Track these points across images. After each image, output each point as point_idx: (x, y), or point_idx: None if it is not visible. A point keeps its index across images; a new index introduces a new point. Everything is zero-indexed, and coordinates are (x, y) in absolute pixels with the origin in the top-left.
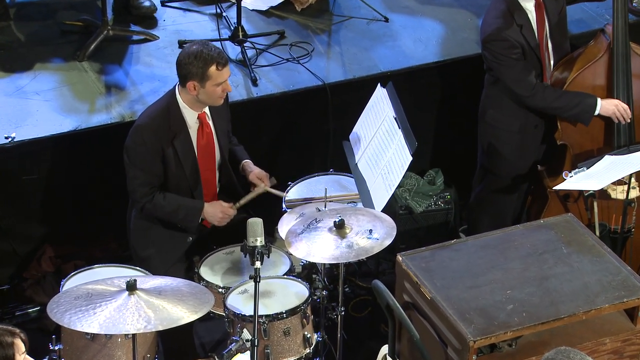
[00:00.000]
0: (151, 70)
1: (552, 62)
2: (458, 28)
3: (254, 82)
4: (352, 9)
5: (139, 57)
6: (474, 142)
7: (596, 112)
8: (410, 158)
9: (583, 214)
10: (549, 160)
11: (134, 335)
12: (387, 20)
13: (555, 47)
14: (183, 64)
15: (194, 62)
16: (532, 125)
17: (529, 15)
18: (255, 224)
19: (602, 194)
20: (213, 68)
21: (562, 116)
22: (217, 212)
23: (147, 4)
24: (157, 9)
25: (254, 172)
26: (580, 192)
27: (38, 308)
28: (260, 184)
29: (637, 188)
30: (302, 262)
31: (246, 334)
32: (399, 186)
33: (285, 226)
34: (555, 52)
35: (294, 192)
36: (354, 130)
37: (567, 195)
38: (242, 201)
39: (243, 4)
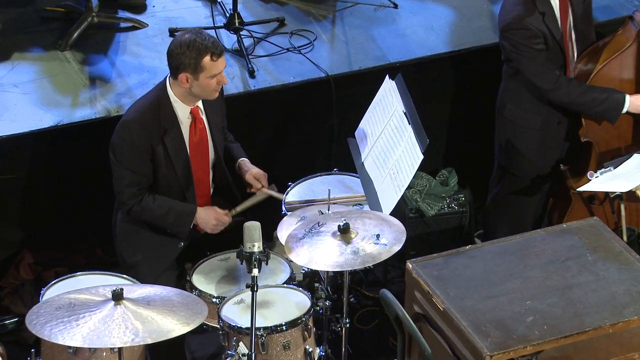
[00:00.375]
0: (139, 60)
1: (575, 53)
2: (473, 15)
3: (252, 74)
4: None
5: (126, 47)
6: (491, 139)
7: (624, 110)
8: (422, 156)
9: (609, 217)
10: (573, 159)
11: (120, 349)
12: (396, 6)
13: (580, 37)
14: (175, 54)
15: (186, 52)
16: (555, 122)
17: (552, 2)
18: (253, 228)
19: (631, 195)
20: (207, 59)
21: (587, 113)
22: (210, 218)
23: None
24: None
25: (251, 171)
26: (607, 194)
27: (16, 319)
28: (258, 184)
29: None
30: (304, 270)
31: (242, 348)
32: (409, 187)
33: (285, 230)
34: (579, 42)
35: (295, 193)
36: (359, 126)
37: (592, 197)
38: (239, 208)
39: None
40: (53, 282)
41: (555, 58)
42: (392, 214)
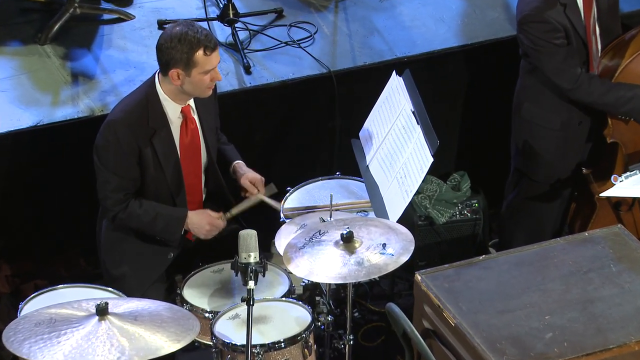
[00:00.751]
0: (126, 55)
1: (599, 48)
2: (487, 5)
3: (247, 70)
4: None
5: (111, 40)
6: (507, 140)
7: None
8: (431, 159)
9: (638, 224)
10: (596, 162)
11: None
12: None
13: (604, 31)
14: (164, 48)
15: (177, 46)
16: (576, 122)
17: None
18: (249, 237)
19: None
20: (200, 53)
21: (612, 113)
22: (203, 222)
23: None
24: None
25: (247, 175)
26: (634, 199)
27: None
28: (254, 190)
29: None
30: (304, 282)
31: None
32: (418, 192)
33: (283, 239)
34: (603, 36)
35: (294, 199)
36: (364, 126)
37: (618, 203)
38: (234, 210)
39: None
40: (32, 295)
41: (578, 54)
42: (399, 221)
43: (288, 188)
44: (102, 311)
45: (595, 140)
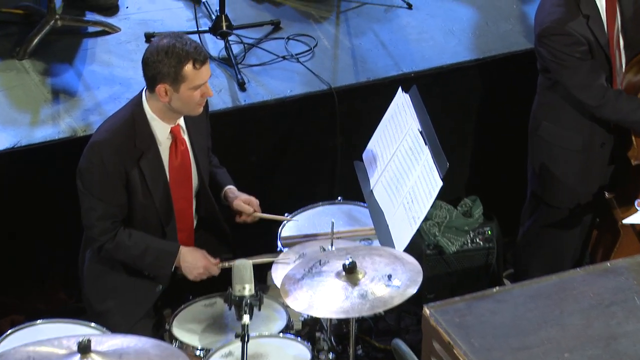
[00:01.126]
0: (110, 70)
1: (623, 62)
2: (500, 17)
3: (242, 86)
4: None
5: (95, 55)
6: (523, 163)
7: None
8: (441, 183)
9: None
10: (620, 186)
11: None
12: (410, 7)
13: (628, 44)
14: (151, 62)
15: (164, 60)
16: (599, 143)
17: (598, 3)
18: (243, 268)
19: None
20: (189, 67)
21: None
22: (198, 264)
23: None
24: None
25: (240, 197)
26: None
27: None
28: (249, 209)
29: None
30: (303, 317)
31: None
32: (426, 219)
33: (281, 270)
34: (628, 49)
35: (292, 226)
36: (368, 147)
37: None
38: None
39: None
40: (8, 332)
41: (601, 68)
42: (406, 250)
43: (286, 214)
44: (84, 349)
45: (618, 162)
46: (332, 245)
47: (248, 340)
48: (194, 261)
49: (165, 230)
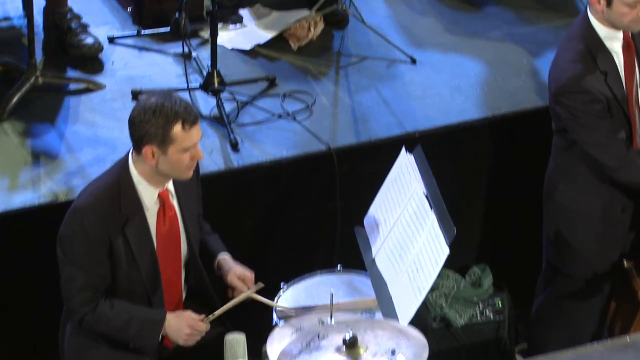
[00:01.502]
0: (95, 131)
1: None
2: (510, 72)
3: (235, 147)
4: (366, 47)
5: (78, 114)
6: (537, 229)
7: None
8: (448, 250)
9: None
10: None
11: None
12: (414, 61)
13: None
14: (137, 122)
15: (151, 120)
16: (619, 208)
17: (615, 59)
18: (236, 343)
19: None
20: (178, 127)
21: None
22: (183, 326)
23: (89, 40)
24: (103, 47)
25: (234, 271)
26: None
27: None
28: (244, 288)
29: None
30: None
31: None
32: (432, 289)
33: (276, 345)
34: None
35: (289, 297)
36: (369, 212)
37: None
38: (218, 312)
39: (220, 41)
40: None
41: (620, 126)
42: (411, 323)
43: (282, 284)
44: None
45: (639, 228)
46: (331, 318)
47: None
48: (178, 325)
49: (151, 301)
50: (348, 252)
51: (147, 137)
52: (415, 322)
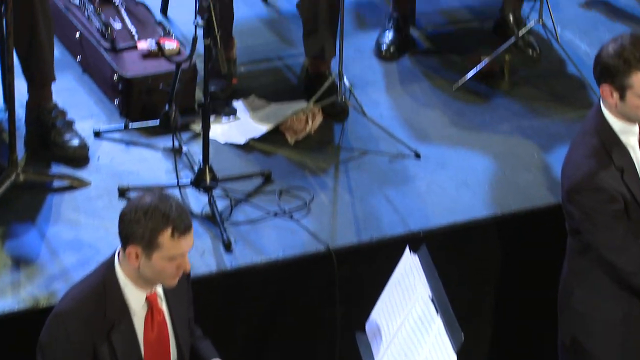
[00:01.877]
0: (78, 231)
1: None
2: (519, 167)
3: (228, 247)
4: (367, 141)
5: (60, 213)
6: (553, 336)
7: None
8: (455, 358)
9: None
10: None
11: None
12: (418, 156)
13: None
14: (127, 219)
15: (141, 220)
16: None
17: (632, 154)
18: None
19: None
20: (166, 234)
21: None
22: None
23: (74, 142)
24: (88, 149)
25: None
26: None
27: None
28: None
29: None
30: None
31: None
32: None
33: None
34: None
35: None
36: (371, 316)
37: None
38: None
39: (212, 135)
40: None
41: (638, 228)
42: None
43: None
44: None
45: None
46: None
47: None
48: None
49: None
50: (349, 359)
51: (134, 237)
52: None
